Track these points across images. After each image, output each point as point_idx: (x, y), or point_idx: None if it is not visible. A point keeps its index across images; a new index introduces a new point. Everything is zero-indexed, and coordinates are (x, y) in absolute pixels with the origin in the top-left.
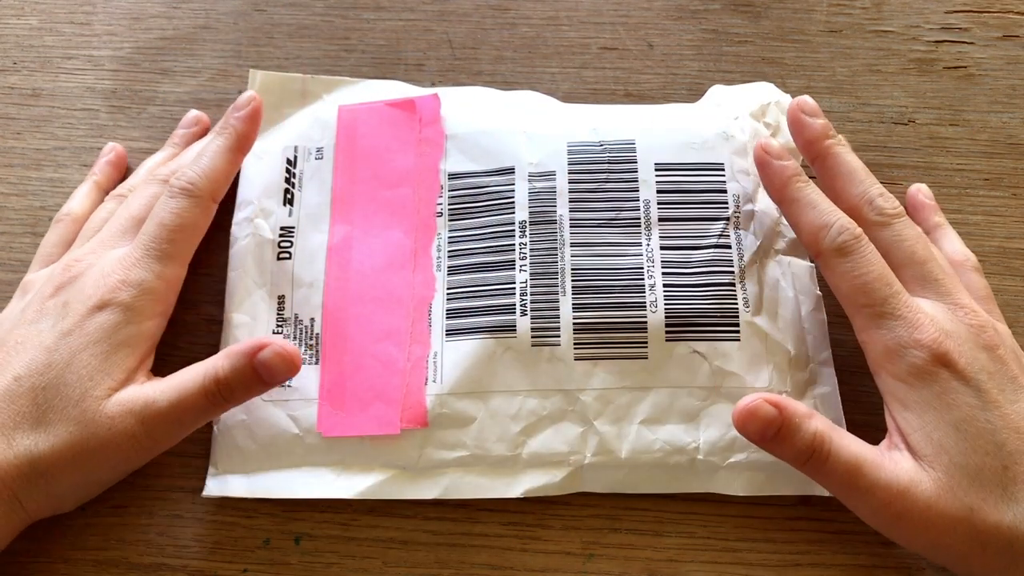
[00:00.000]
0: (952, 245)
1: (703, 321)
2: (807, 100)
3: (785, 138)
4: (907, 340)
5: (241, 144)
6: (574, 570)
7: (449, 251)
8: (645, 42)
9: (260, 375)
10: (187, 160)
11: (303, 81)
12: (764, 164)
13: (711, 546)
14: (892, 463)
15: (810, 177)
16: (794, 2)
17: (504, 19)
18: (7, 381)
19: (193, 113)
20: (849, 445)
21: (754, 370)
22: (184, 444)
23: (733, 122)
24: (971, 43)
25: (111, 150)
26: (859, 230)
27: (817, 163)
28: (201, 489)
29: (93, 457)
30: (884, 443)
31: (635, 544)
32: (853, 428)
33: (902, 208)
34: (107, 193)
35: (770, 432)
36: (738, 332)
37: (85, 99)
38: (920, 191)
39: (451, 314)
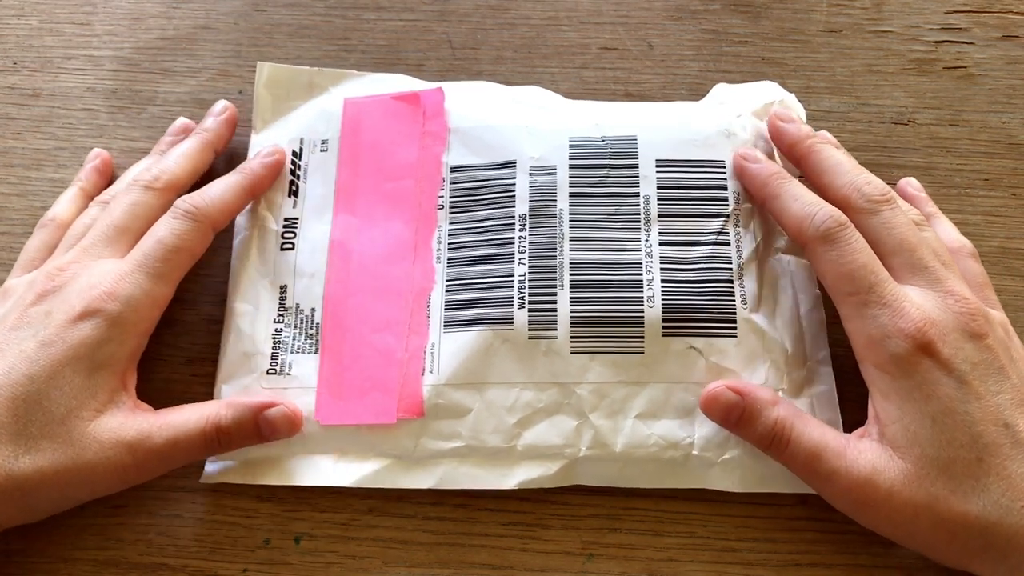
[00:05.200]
0: (947, 233)
1: (700, 317)
2: (782, 110)
3: None
4: (890, 329)
5: (256, 187)
6: (574, 570)
7: (449, 243)
8: (645, 42)
9: (261, 430)
10: (169, 163)
11: (310, 74)
12: (742, 169)
13: (711, 546)
14: (856, 452)
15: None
16: (794, 2)
17: (504, 19)
18: None
19: (181, 121)
20: (811, 432)
21: (751, 367)
22: None
23: (735, 120)
24: (971, 43)
25: (96, 156)
26: (844, 218)
27: (802, 163)
28: (202, 489)
29: (76, 479)
30: (858, 431)
31: (635, 544)
32: (852, 427)
33: (892, 193)
34: (92, 199)
35: (733, 416)
36: (735, 329)
37: (85, 99)
38: (909, 184)
39: (450, 306)
